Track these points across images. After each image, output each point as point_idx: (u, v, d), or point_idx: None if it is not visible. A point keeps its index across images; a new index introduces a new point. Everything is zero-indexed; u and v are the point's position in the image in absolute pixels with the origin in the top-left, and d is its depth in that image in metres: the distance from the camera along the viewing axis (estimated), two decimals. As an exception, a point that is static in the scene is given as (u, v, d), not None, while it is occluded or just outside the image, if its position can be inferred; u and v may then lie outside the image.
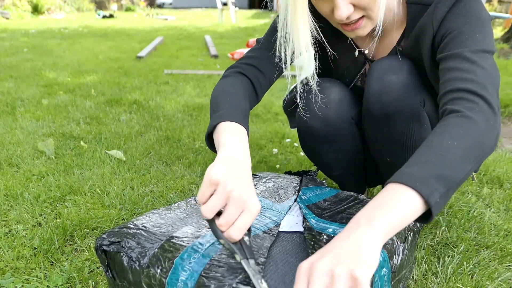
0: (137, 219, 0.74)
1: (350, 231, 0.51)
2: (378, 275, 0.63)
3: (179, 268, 0.59)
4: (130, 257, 0.63)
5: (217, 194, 0.56)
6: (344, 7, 0.72)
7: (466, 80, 0.65)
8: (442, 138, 0.59)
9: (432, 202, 0.53)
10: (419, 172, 0.55)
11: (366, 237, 0.50)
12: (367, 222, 0.51)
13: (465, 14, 0.72)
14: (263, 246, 0.65)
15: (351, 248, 0.49)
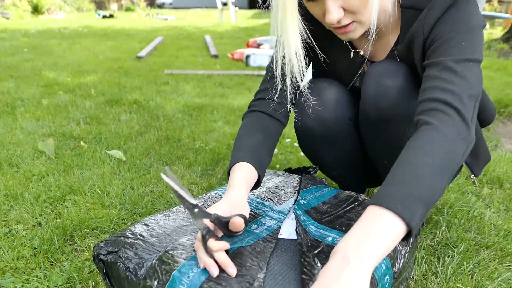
0: (135, 226, 0.73)
1: (341, 267, 0.52)
2: (381, 283, 0.63)
3: (177, 282, 0.58)
4: (127, 267, 0.63)
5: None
6: (334, 11, 0.72)
7: (444, 91, 0.66)
8: (417, 155, 0.61)
9: (413, 225, 0.55)
10: (399, 194, 0.56)
11: (358, 274, 0.51)
12: (356, 256, 0.52)
13: (454, 21, 0.72)
14: (262, 258, 0.64)
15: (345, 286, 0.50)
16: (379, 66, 0.85)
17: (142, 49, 4.48)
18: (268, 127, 0.88)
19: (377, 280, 0.61)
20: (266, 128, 0.87)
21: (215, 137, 1.78)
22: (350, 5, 0.72)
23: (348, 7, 0.73)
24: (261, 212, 0.80)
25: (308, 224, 0.75)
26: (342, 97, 0.94)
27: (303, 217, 0.77)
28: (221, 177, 1.40)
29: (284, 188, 0.92)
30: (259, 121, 0.88)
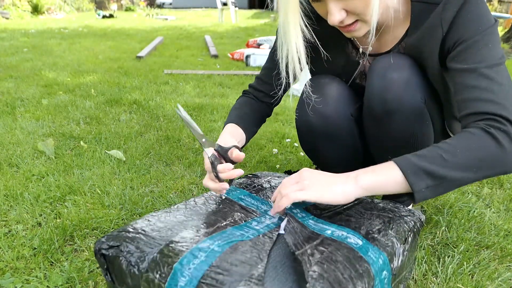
0: (136, 222, 0.74)
1: (341, 179, 0.70)
2: (379, 278, 0.63)
3: (178, 274, 0.58)
4: (129, 261, 0.63)
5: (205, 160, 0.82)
6: (336, 13, 0.74)
7: (486, 102, 0.69)
8: (454, 145, 0.68)
9: (415, 188, 0.66)
10: (416, 163, 0.66)
11: (347, 187, 0.69)
12: (354, 177, 0.69)
13: (476, 20, 0.73)
14: (263, 250, 0.64)
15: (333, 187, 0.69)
16: (384, 59, 0.85)
17: (142, 49, 4.48)
18: (255, 106, 1.04)
19: (374, 274, 0.62)
20: (252, 105, 1.04)
21: (215, 137, 1.78)
22: (352, 7, 0.73)
23: (350, 9, 0.74)
24: (261, 211, 0.80)
25: (307, 219, 0.75)
26: (344, 93, 0.95)
27: (301, 214, 0.78)
28: (221, 177, 1.40)
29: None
30: (249, 101, 1.05)
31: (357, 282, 0.58)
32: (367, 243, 0.68)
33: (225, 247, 0.64)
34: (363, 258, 0.64)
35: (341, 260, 0.62)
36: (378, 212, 0.81)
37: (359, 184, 0.69)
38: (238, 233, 0.69)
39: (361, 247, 0.66)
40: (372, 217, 0.78)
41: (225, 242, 0.65)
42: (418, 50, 0.83)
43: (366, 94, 0.89)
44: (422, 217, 0.83)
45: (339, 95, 0.94)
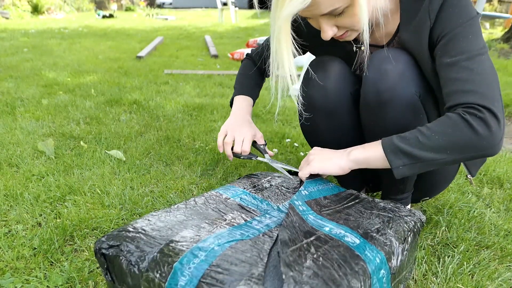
0: (136, 222, 0.74)
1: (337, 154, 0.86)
2: (376, 277, 0.63)
3: (178, 273, 0.58)
4: (129, 261, 0.63)
5: (229, 134, 1.09)
6: (329, 30, 0.81)
7: (467, 92, 0.74)
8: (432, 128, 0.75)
9: (393, 165, 0.77)
10: (396, 143, 0.76)
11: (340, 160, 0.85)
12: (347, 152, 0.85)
13: (457, 13, 0.77)
14: (263, 250, 0.64)
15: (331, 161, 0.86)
16: (380, 53, 0.88)
17: (142, 49, 4.48)
18: (258, 74, 1.22)
19: (370, 272, 0.62)
20: (255, 73, 1.21)
21: (215, 137, 1.78)
22: (342, 23, 0.80)
23: (340, 25, 0.80)
24: (261, 211, 0.80)
25: (306, 214, 0.75)
26: (345, 71, 0.97)
27: (302, 207, 0.78)
28: (221, 177, 1.40)
29: (285, 189, 0.93)
30: (252, 67, 1.21)
31: (352, 280, 0.58)
32: (365, 242, 0.68)
33: (225, 247, 0.64)
34: (359, 256, 0.64)
35: (336, 258, 0.62)
36: (378, 212, 0.81)
37: (350, 158, 0.83)
38: (238, 233, 0.69)
39: (358, 246, 0.66)
40: (371, 216, 0.78)
41: (225, 242, 0.65)
42: (412, 45, 0.85)
43: (362, 85, 0.91)
44: (423, 217, 0.83)
45: (340, 72, 0.96)
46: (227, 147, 1.08)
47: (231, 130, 1.09)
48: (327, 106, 0.97)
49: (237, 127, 1.10)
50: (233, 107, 1.16)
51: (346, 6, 0.75)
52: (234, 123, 1.11)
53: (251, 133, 1.10)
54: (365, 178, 1.18)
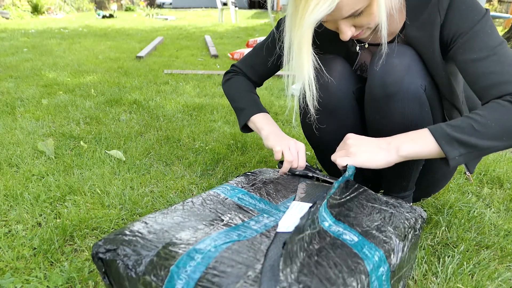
0: (133, 224, 0.73)
1: (383, 149, 0.80)
2: (375, 275, 0.63)
3: (175, 277, 0.58)
4: (126, 265, 0.63)
5: (286, 153, 0.98)
6: (348, 31, 0.81)
7: (506, 84, 0.75)
8: (485, 115, 0.74)
9: (450, 156, 0.74)
10: (450, 133, 0.74)
11: (388, 156, 0.79)
12: (395, 147, 0.79)
13: (470, 10, 0.79)
14: (259, 250, 0.64)
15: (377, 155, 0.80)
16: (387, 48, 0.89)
17: (142, 49, 4.48)
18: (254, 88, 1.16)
19: (369, 270, 0.62)
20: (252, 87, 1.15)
21: (215, 137, 1.78)
22: (360, 23, 0.79)
23: (358, 24, 0.80)
24: (259, 210, 0.80)
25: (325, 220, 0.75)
26: (347, 70, 0.98)
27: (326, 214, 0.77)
28: (221, 177, 1.40)
29: (283, 187, 0.92)
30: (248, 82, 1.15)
31: (348, 278, 0.58)
32: (363, 240, 0.68)
33: (222, 248, 0.64)
34: (357, 254, 0.64)
35: (333, 256, 0.62)
36: (380, 206, 0.80)
37: (400, 153, 0.78)
38: (235, 234, 0.69)
39: (356, 244, 0.66)
40: (372, 212, 0.78)
41: (222, 243, 0.65)
42: (420, 41, 0.86)
43: (368, 79, 0.91)
44: (424, 214, 0.83)
45: (342, 71, 0.97)
46: (289, 165, 0.99)
47: (285, 147, 0.99)
48: (329, 105, 0.98)
49: (286, 142, 1.00)
50: (262, 125, 1.05)
51: (365, 6, 0.76)
52: (281, 139, 1.01)
53: (302, 146, 1.02)
54: (365, 177, 1.18)
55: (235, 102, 1.12)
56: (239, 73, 1.16)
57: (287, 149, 0.99)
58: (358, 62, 1.00)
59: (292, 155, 0.98)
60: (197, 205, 0.81)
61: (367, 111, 0.97)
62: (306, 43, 0.78)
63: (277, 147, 0.98)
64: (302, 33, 0.76)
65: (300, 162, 0.99)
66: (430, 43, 0.84)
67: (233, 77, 1.16)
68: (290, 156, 0.98)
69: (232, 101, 1.13)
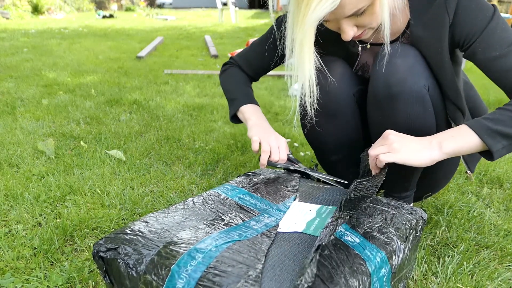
0: (134, 224, 0.74)
1: (425, 147, 0.77)
2: (377, 276, 0.63)
3: (176, 276, 0.58)
4: (127, 264, 0.63)
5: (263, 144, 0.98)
6: (350, 31, 0.79)
7: None
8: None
9: (493, 149, 0.75)
10: (491, 126, 0.75)
11: (431, 154, 0.77)
12: (439, 145, 0.77)
13: (480, 8, 0.79)
14: (260, 250, 0.64)
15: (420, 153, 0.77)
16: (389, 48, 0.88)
17: (142, 49, 4.48)
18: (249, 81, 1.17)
19: (370, 272, 0.62)
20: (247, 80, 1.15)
21: (215, 137, 1.78)
22: (362, 22, 0.78)
23: (360, 24, 0.79)
24: (260, 210, 0.80)
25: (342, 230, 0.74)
26: (347, 72, 0.98)
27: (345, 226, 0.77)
28: (221, 177, 1.40)
29: (284, 187, 0.93)
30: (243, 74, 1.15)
31: (350, 279, 0.58)
32: (365, 241, 0.68)
33: (222, 248, 0.64)
34: (358, 255, 0.64)
35: (335, 257, 0.62)
36: (382, 207, 0.80)
37: (443, 151, 0.77)
38: (236, 233, 0.69)
39: (358, 245, 0.66)
40: (374, 213, 0.78)
41: (223, 243, 0.65)
42: (426, 41, 0.86)
43: (371, 79, 0.91)
44: (424, 215, 0.83)
45: (342, 73, 0.96)
46: (265, 155, 0.99)
47: (264, 138, 1.00)
48: (329, 108, 0.97)
49: (267, 134, 1.01)
50: (249, 116, 1.06)
51: (368, 5, 0.76)
52: (263, 131, 1.02)
53: (284, 141, 1.02)
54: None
55: (228, 93, 1.14)
56: (235, 65, 1.17)
57: (266, 141, 0.98)
58: (359, 63, 0.99)
59: (269, 147, 0.98)
60: (198, 205, 0.82)
61: (369, 111, 0.97)
62: (308, 42, 0.77)
63: (255, 137, 0.99)
64: (304, 31, 0.75)
65: (281, 155, 0.99)
66: (438, 43, 0.84)
67: (229, 69, 1.17)
68: (266, 147, 0.98)
69: (226, 91, 1.14)
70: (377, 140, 0.82)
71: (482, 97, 2.48)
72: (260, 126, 1.03)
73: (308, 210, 0.80)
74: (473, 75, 3.32)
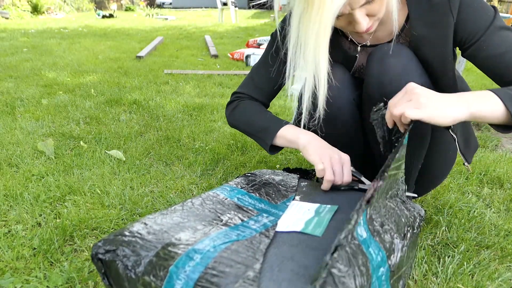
0: (133, 225, 0.73)
1: (452, 103, 0.71)
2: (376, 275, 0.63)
3: (174, 277, 0.58)
4: (125, 265, 0.63)
5: (326, 165, 0.88)
6: (364, 22, 0.78)
7: None
8: None
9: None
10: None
11: (460, 113, 0.71)
12: (467, 103, 0.72)
13: (481, 8, 0.81)
14: (258, 250, 0.64)
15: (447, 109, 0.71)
16: (382, 48, 0.89)
17: (142, 49, 4.48)
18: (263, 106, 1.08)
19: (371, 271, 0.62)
20: (264, 107, 1.07)
21: (215, 137, 1.78)
22: (372, 10, 0.78)
23: (371, 13, 0.78)
24: (259, 210, 0.80)
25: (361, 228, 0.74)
26: (346, 78, 0.97)
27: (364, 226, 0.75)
28: (221, 177, 1.40)
29: (283, 187, 0.92)
30: (257, 103, 1.07)
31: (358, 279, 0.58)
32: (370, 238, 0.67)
33: (221, 248, 0.64)
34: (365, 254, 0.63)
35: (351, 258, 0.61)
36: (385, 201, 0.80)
37: (470, 109, 0.71)
38: (234, 233, 0.69)
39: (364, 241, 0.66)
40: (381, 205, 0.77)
41: (221, 243, 0.65)
42: (430, 40, 0.86)
43: (365, 79, 0.91)
44: (422, 212, 0.82)
45: (342, 79, 0.96)
46: (329, 184, 0.89)
47: (327, 163, 0.89)
48: (329, 114, 0.96)
49: (328, 156, 0.90)
50: (295, 136, 0.95)
51: None
52: (322, 151, 0.91)
53: (347, 158, 0.92)
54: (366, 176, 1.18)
55: (252, 127, 1.02)
56: (244, 98, 1.07)
57: (330, 166, 0.88)
58: (356, 64, 0.99)
59: (334, 174, 0.88)
60: (196, 205, 0.81)
61: (365, 111, 0.97)
62: (325, 38, 0.75)
63: (320, 165, 0.88)
64: (320, 28, 0.73)
65: (345, 177, 0.89)
66: (443, 42, 0.84)
67: (239, 104, 1.06)
68: (331, 176, 0.88)
69: (248, 126, 1.03)
70: (398, 94, 0.75)
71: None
72: (314, 144, 0.92)
73: (306, 209, 0.80)
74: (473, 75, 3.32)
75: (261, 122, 1.00)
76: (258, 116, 1.02)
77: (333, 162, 0.89)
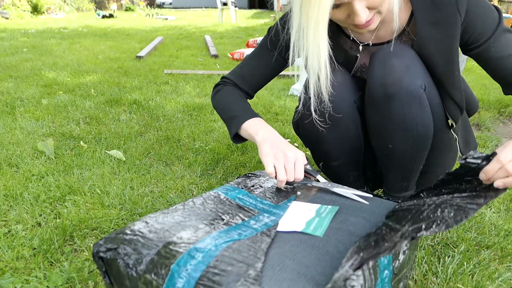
0: (134, 224, 0.74)
1: None
2: (380, 277, 0.63)
3: (176, 275, 0.58)
4: (127, 264, 0.63)
5: (278, 165, 0.87)
6: (363, 13, 0.76)
7: None
8: None
9: None
10: None
11: None
12: None
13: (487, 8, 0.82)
14: (260, 249, 0.64)
15: None
16: (385, 48, 0.88)
17: (142, 49, 4.48)
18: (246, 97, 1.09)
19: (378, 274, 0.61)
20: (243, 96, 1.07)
21: (215, 137, 1.78)
22: (373, 3, 0.76)
23: (371, 5, 0.77)
24: (260, 210, 0.80)
25: None
26: (347, 80, 0.97)
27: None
28: (221, 177, 1.40)
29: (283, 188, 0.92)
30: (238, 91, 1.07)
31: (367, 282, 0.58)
32: None
33: (222, 247, 0.64)
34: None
35: None
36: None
37: None
38: (235, 232, 0.69)
39: None
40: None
41: (223, 242, 0.65)
42: (436, 39, 0.86)
43: (368, 80, 0.91)
44: None
45: (343, 81, 0.96)
46: (282, 184, 0.89)
47: (278, 162, 0.88)
48: (330, 117, 0.96)
49: (280, 154, 0.89)
50: (255, 131, 0.95)
51: None
52: (276, 150, 0.90)
53: (301, 155, 0.91)
54: (366, 178, 1.18)
55: (224, 113, 1.03)
56: (228, 84, 1.09)
57: (282, 165, 0.88)
58: (358, 64, 0.99)
59: (285, 174, 0.88)
60: (197, 205, 0.82)
61: (367, 112, 0.97)
62: (324, 23, 0.75)
63: (269, 168, 0.88)
64: (319, 12, 0.73)
65: (297, 174, 0.89)
66: (449, 42, 0.84)
67: (222, 88, 1.08)
68: (283, 176, 0.87)
69: (222, 112, 1.04)
70: (493, 164, 0.65)
71: (482, 97, 2.48)
72: (269, 142, 0.92)
73: (307, 210, 0.80)
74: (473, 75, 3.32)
75: (234, 110, 1.01)
76: (233, 104, 1.03)
77: (286, 161, 0.89)
